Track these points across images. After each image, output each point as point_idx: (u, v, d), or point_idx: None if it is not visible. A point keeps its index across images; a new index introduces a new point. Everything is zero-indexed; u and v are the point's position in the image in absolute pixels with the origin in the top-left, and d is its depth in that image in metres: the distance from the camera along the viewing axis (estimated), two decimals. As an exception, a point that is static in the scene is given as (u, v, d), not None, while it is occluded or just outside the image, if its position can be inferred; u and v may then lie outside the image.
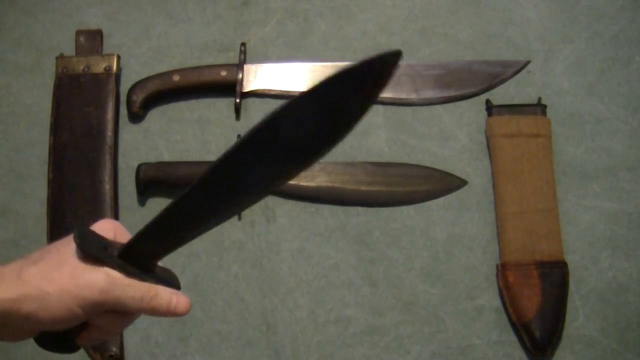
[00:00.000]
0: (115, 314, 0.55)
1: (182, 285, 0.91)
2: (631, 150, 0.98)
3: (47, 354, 0.88)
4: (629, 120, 1.00)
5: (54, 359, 0.88)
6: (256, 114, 1.00)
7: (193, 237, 0.54)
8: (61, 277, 0.52)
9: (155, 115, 1.00)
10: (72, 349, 0.57)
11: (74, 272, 0.52)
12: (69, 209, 0.92)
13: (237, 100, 0.99)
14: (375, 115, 0.99)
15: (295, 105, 0.46)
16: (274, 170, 0.50)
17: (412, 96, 1.00)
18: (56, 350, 0.57)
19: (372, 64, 0.45)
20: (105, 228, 0.56)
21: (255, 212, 0.95)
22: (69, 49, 1.01)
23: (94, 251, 0.53)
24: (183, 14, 1.05)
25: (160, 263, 0.58)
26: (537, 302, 0.89)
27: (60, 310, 0.51)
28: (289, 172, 0.50)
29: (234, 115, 1.00)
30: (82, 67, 0.98)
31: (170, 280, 0.58)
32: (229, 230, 0.94)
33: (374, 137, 0.98)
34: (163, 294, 0.56)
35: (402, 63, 1.01)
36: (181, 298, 0.56)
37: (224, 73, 1.00)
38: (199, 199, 0.51)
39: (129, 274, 0.54)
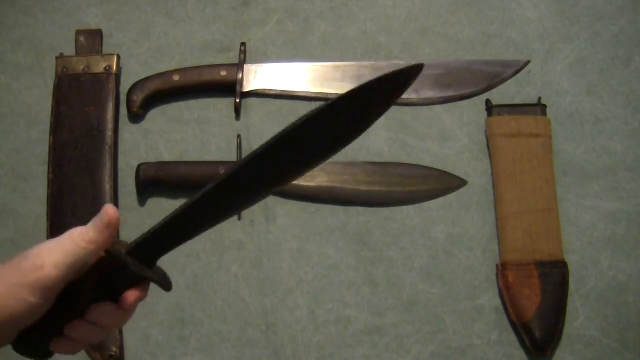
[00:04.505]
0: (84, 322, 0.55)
1: (182, 285, 0.91)
2: (631, 150, 0.98)
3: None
4: (629, 120, 1.00)
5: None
6: (256, 114, 1.00)
7: (199, 233, 0.56)
8: (7, 272, 0.52)
9: (155, 115, 1.00)
10: (46, 354, 0.58)
11: (18, 264, 0.53)
12: (69, 209, 0.92)
13: (237, 100, 0.99)
14: (375, 115, 0.99)
15: (332, 107, 0.51)
16: (289, 168, 0.54)
17: (412, 96, 1.00)
18: (31, 355, 0.57)
19: (398, 74, 0.51)
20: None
21: (255, 212, 0.95)
22: (69, 49, 1.01)
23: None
24: (183, 14, 1.05)
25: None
26: (537, 302, 0.89)
27: (14, 304, 0.52)
28: (301, 169, 0.54)
29: (234, 115, 1.00)
30: (82, 67, 0.98)
31: (164, 279, 0.58)
32: (229, 230, 0.94)
33: (374, 137, 0.98)
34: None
35: (402, 63, 1.03)
36: (109, 208, 0.56)
37: (224, 73, 1.00)
38: (219, 196, 0.54)
39: (137, 268, 0.55)
